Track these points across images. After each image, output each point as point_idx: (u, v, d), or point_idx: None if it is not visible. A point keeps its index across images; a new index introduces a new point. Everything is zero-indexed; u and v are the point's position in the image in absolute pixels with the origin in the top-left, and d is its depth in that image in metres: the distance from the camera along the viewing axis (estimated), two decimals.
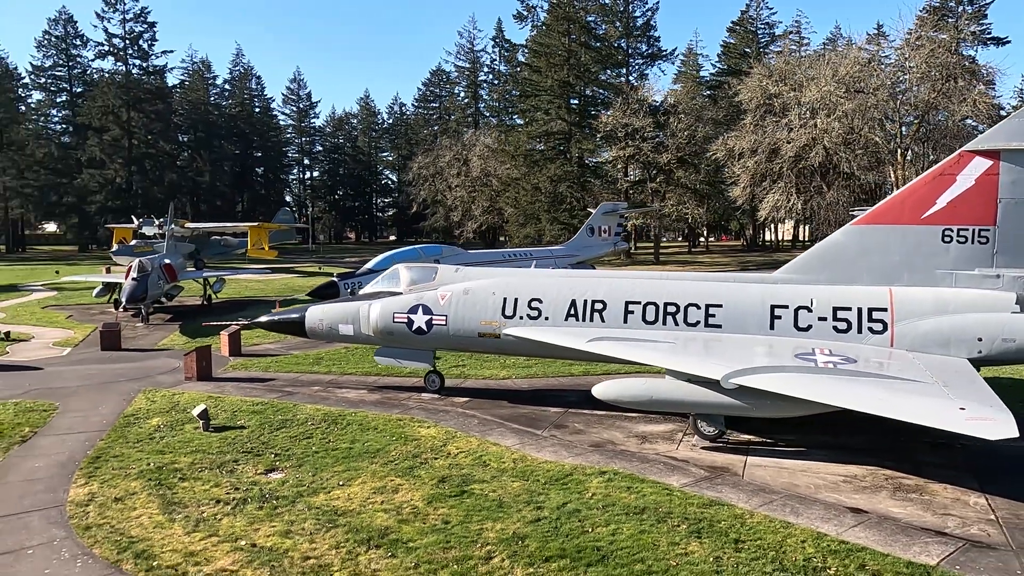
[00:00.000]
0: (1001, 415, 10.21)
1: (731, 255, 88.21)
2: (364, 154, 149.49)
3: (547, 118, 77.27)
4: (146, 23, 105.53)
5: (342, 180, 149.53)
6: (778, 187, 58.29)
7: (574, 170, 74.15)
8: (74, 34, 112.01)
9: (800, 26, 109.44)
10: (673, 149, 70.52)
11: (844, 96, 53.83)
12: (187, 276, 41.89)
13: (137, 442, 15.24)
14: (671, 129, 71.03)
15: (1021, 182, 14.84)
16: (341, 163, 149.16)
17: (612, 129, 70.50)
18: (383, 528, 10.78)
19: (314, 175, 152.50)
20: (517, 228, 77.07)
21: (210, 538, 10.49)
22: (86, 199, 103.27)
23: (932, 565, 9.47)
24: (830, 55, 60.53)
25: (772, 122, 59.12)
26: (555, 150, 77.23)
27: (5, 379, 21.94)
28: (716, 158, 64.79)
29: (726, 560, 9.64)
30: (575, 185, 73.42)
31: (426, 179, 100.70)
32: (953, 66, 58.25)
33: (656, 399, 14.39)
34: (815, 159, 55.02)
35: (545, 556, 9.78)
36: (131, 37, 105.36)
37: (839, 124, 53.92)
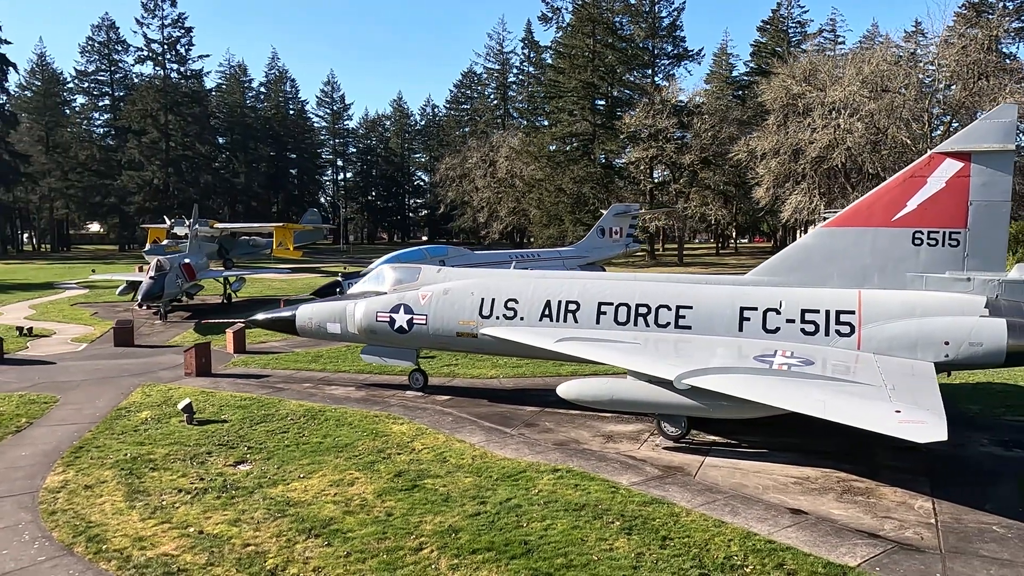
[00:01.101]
0: (934, 419, 10.20)
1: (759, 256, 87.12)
2: (396, 155, 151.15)
3: (571, 119, 77.34)
4: (183, 28, 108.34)
5: (375, 181, 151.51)
6: (801, 188, 57.50)
7: (597, 171, 74.13)
8: (116, 39, 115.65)
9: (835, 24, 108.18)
10: (696, 150, 70.01)
11: (868, 96, 52.91)
12: (208, 275, 42.99)
13: (122, 434, 15.93)
14: (695, 130, 70.52)
15: (992, 184, 14.67)
16: (374, 164, 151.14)
17: (635, 130, 70.26)
18: (327, 519, 11.19)
19: (347, 176, 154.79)
20: (541, 229, 77.32)
21: (162, 525, 11.01)
22: (125, 200, 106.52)
23: (851, 566, 9.53)
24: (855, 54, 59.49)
25: (795, 122, 58.36)
26: (579, 151, 77.27)
27: (18, 372, 22.99)
28: (739, 159, 64.13)
29: (647, 556, 9.83)
30: (598, 186, 73.37)
31: (453, 180, 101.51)
32: (985, 64, 56.90)
33: (616, 399, 14.58)
34: (837, 159, 54.15)
35: (473, 548, 10.08)
36: (169, 42, 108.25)
37: (862, 124, 53.02)
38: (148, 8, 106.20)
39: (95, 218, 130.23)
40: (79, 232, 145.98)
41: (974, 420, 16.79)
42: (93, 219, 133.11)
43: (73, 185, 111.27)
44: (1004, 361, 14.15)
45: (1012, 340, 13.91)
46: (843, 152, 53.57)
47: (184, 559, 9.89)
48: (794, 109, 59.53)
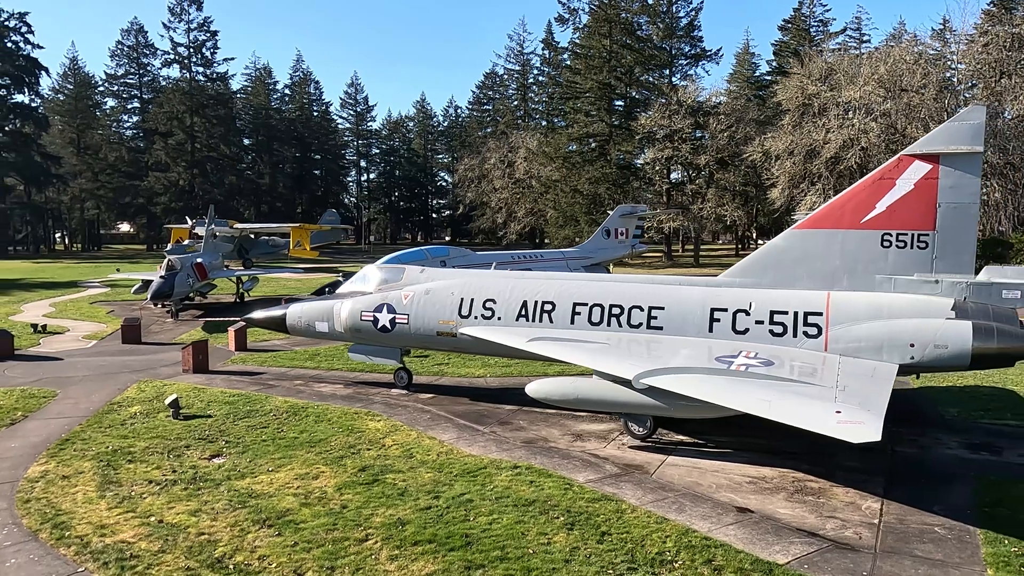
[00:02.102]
0: (871, 420, 10.28)
1: None
2: (419, 156, 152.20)
3: (587, 120, 77.42)
4: (209, 32, 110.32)
5: (397, 182, 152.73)
6: (816, 189, 56.96)
7: (613, 172, 74.08)
8: (145, 43, 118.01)
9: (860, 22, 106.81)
10: (712, 150, 69.68)
11: (884, 95, 52.28)
12: (220, 275, 43.87)
13: (109, 427, 16.53)
14: (711, 130, 70.19)
15: (960, 186, 14.64)
16: (396, 165, 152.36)
17: (651, 130, 70.13)
18: (284, 510, 11.60)
19: (370, 177, 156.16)
20: (556, 230, 77.49)
21: (126, 514, 11.50)
22: (152, 200, 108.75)
23: (779, 563, 9.69)
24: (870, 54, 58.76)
25: (810, 122, 57.84)
26: (595, 152, 77.29)
27: (25, 368, 23.81)
28: (753, 159, 63.69)
29: (582, 550, 10.08)
30: (614, 187, 73.34)
31: (471, 181, 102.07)
32: (1007, 62, 55.90)
33: (581, 398, 14.83)
34: (852, 160, 53.57)
35: (415, 540, 10.42)
36: (195, 46, 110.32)
37: (877, 124, 52.42)
38: (174, 12, 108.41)
39: (124, 218, 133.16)
40: (110, 232, 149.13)
41: (951, 423, 16.75)
42: (122, 219, 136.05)
43: (103, 186, 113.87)
44: (969, 364, 14.10)
45: (977, 343, 13.87)
46: (858, 152, 52.97)
47: (139, 546, 10.36)
48: (809, 109, 59.00)
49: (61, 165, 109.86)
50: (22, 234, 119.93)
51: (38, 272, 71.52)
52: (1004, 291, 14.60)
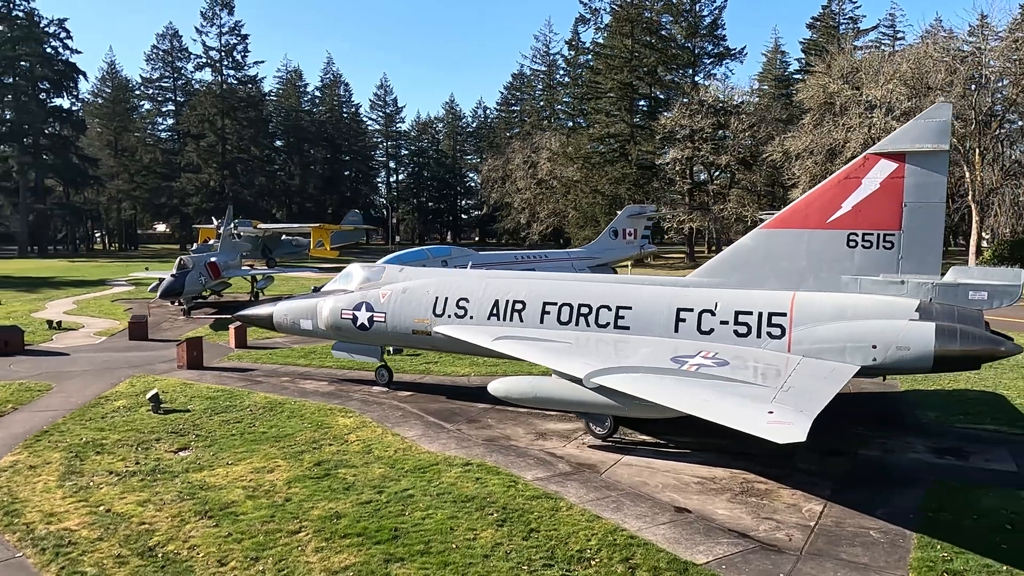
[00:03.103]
0: (800, 421, 10.16)
1: None
2: (447, 157, 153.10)
3: (608, 120, 77.12)
4: (239, 36, 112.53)
5: (426, 183, 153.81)
6: None
7: (633, 172, 73.70)
8: (179, 47, 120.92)
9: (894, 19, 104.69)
10: (734, 150, 68.91)
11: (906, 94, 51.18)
12: (236, 274, 44.72)
13: (89, 420, 17.04)
14: (732, 130, 69.42)
15: (926, 186, 14.36)
16: (425, 166, 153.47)
17: (671, 130, 69.62)
18: (228, 502, 11.88)
19: (400, 178, 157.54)
20: (577, 230, 77.37)
21: (78, 503, 11.89)
22: (184, 201, 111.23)
23: (697, 563, 9.65)
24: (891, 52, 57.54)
25: (831, 121, 56.84)
26: (616, 152, 76.98)
27: (31, 363, 24.60)
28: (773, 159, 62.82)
29: (505, 546, 10.16)
30: (634, 187, 72.97)
31: (495, 182, 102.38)
32: None
33: (540, 396, 14.88)
34: None
35: (345, 533, 10.60)
36: (226, 49, 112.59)
37: (897, 124, 51.25)
38: (207, 17, 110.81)
39: (159, 218, 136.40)
40: (146, 232, 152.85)
41: (926, 426, 16.43)
42: (158, 219, 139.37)
43: (139, 187, 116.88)
44: (932, 366, 13.83)
45: (940, 344, 13.60)
46: None
47: (80, 533, 10.72)
48: (831, 108, 57.98)
49: (99, 167, 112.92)
50: (62, 234, 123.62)
51: (71, 271, 73.62)
52: (970, 292, 14.28)
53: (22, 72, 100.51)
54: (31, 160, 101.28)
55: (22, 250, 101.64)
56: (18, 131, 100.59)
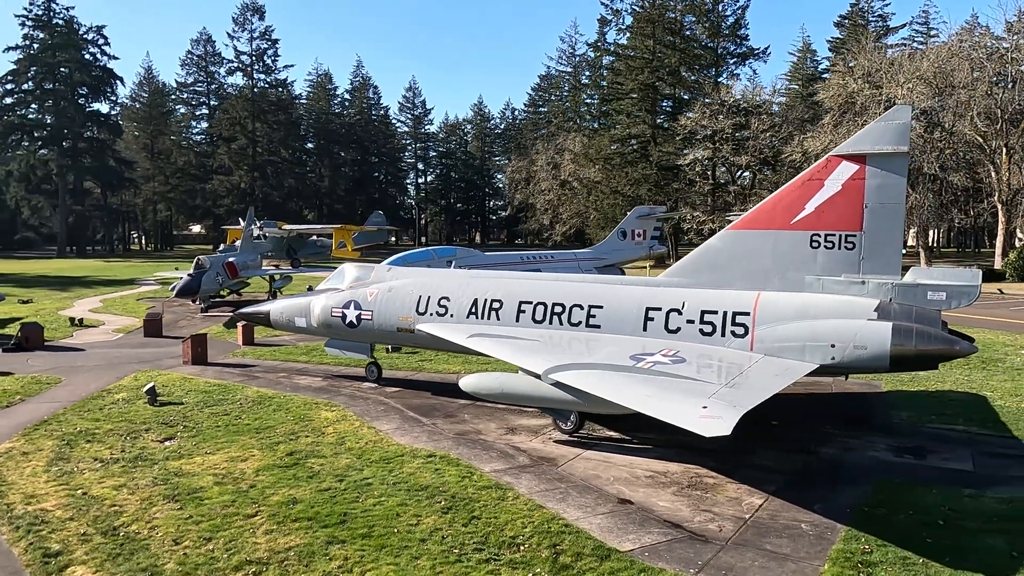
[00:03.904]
0: (730, 416, 10.47)
1: None
2: (476, 159, 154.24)
3: (629, 121, 77.17)
4: (270, 40, 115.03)
5: (454, 184, 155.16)
6: None
7: (654, 173, 73.66)
8: (212, 52, 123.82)
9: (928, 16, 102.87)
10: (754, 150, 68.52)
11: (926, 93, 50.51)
12: (255, 273, 45.93)
13: (87, 411, 17.96)
14: (752, 130, 68.99)
15: (887, 187, 14.52)
16: (453, 168, 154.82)
17: (692, 131, 69.49)
18: (197, 488, 12.58)
19: (428, 179, 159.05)
20: (598, 231, 77.51)
21: (59, 486, 12.70)
22: (216, 202, 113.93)
23: (620, 550, 10.06)
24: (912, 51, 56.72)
25: (850, 121, 56.22)
26: (636, 153, 77.03)
27: (48, 358, 25.79)
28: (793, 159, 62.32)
29: (443, 531, 10.68)
30: (655, 188, 72.93)
31: (519, 183, 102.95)
32: None
33: (506, 392, 15.34)
34: None
35: (296, 518, 11.22)
36: (257, 54, 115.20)
37: (918, 123, 50.65)
38: (238, 22, 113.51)
39: (193, 219, 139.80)
40: (182, 232, 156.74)
41: (896, 426, 16.56)
42: (192, 220, 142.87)
43: (174, 189, 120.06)
44: (889, 365, 13.97)
45: (896, 344, 13.75)
46: None
47: (54, 514, 11.50)
48: (852, 108, 57.37)
49: (135, 169, 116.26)
50: (100, 235, 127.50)
51: (104, 270, 76.00)
52: (929, 292, 14.39)
53: (62, 78, 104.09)
54: (70, 163, 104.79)
55: (61, 250, 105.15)
56: (58, 135, 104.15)
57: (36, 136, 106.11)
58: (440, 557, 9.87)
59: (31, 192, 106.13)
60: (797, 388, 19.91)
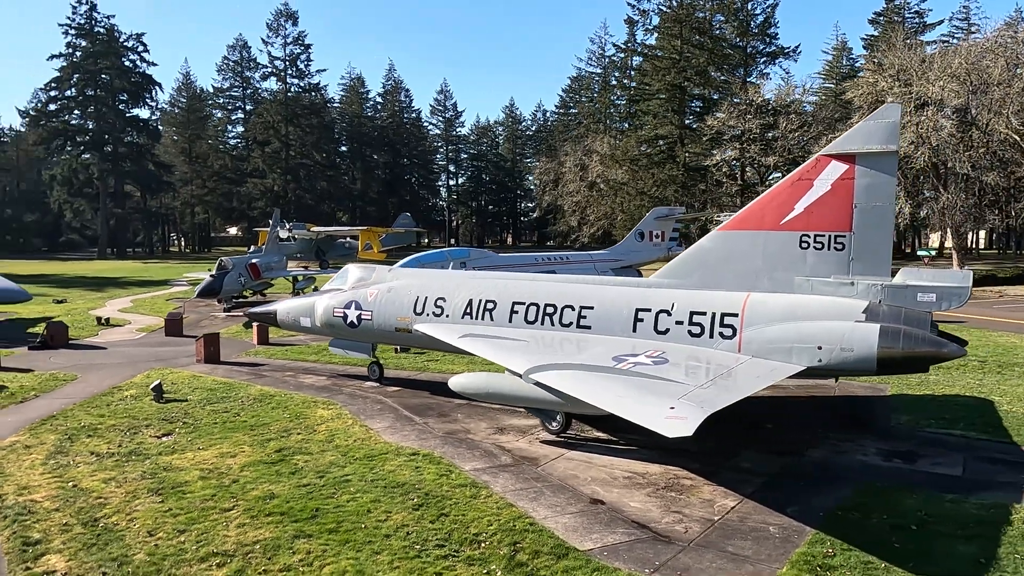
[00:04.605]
0: (695, 416, 10.43)
1: None
2: (507, 161, 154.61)
3: (655, 122, 76.68)
4: (303, 45, 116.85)
5: (485, 186, 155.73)
6: None
7: (680, 174, 73.08)
8: (248, 58, 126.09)
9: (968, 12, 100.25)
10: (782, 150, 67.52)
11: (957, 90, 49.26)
12: (278, 274, 46.73)
13: (94, 407, 18.53)
14: (781, 130, 67.96)
15: (876, 187, 14.31)
16: (484, 170, 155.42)
17: (719, 131, 68.79)
18: (182, 482, 12.93)
19: (460, 181, 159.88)
20: (624, 233, 77.00)
21: (52, 479, 13.16)
22: (251, 205, 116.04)
23: (579, 549, 10.10)
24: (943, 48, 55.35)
25: None
26: (663, 154, 76.51)
27: (69, 356, 26.60)
28: None
29: (410, 527, 10.83)
30: (682, 190, 72.36)
31: (547, 184, 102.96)
32: None
33: (492, 392, 15.45)
34: (921, 159, 50.72)
35: (269, 512, 11.48)
36: (290, 59, 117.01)
37: (948, 122, 49.42)
38: (272, 28, 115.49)
39: (230, 222, 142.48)
40: (219, 234, 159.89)
41: (893, 430, 16.26)
42: (228, 223, 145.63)
43: (210, 192, 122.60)
44: (876, 368, 13.74)
45: (883, 346, 13.51)
46: (927, 151, 50.09)
47: (42, 504, 11.94)
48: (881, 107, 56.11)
49: (172, 173, 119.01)
50: (139, 237, 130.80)
51: (140, 271, 77.98)
52: (919, 294, 14.14)
53: (103, 84, 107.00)
54: (110, 167, 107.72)
55: (101, 252, 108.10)
56: (99, 140, 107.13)
57: (78, 141, 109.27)
58: (400, 552, 10.02)
59: (73, 195, 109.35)
60: (798, 391, 19.74)
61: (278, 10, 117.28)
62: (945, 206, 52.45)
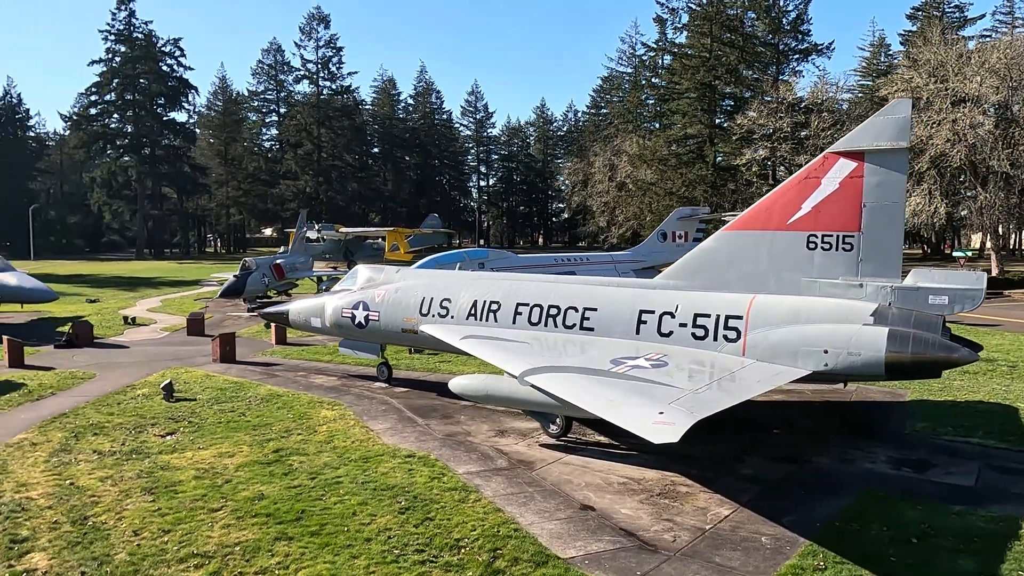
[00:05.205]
0: (683, 422, 10.12)
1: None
2: (538, 162, 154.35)
3: (684, 121, 75.76)
4: (335, 48, 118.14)
5: (516, 187, 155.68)
6: (921, 189, 52.71)
7: (710, 174, 72.09)
8: (281, 61, 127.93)
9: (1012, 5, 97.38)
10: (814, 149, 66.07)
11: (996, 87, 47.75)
12: (303, 275, 47.17)
13: (105, 406, 18.79)
14: (812, 129, 66.61)
15: (886, 185, 13.80)
16: (515, 170, 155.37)
17: (749, 131, 67.68)
18: (176, 482, 12.98)
19: (490, 182, 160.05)
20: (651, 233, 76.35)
21: (51, 476, 13.31)
22: (283, 206, 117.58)
23: (561, 556, 9.86)
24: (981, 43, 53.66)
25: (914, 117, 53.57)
26: (692, 153, 75.56)
27: (91, 354, 27.09)
28: None
29: (393, 531, 10.71)
30: (711, 190, 71.37)
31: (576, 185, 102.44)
32: None
33: (491, 394, 15.29)
34: (957, 157, 49.24)
35: (255, 513, 11.45)
36: (322, 61, 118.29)
37: (986, 118, 47.90)
38: (304, 31, 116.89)
39: (264, 223, 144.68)
40: (254, 235, 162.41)
41: (906, 437, 15.69)
42: (263, 224, 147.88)
43: (245, 193, 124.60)
44: (885, 372, 13.24)
45: (892, 351, 13.02)
46: (963, 149, 48.61)
47: (37, 502, 12.07)
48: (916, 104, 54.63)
49: (208, 175, 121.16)
50: (176, 237, 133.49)
51: (175, 271, 79.42)
52: (931, 296, 13.62)
53: (141, 89, 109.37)
54: (148, 169, 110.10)
55: (139, 252, 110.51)
56: (137, 143, 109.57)
57: (118, 144, 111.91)
58: (378, 557, 9.89)
59: (112, 197, 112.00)
60: (813, 396, 19.20)
61: (310, 13, 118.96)
62: (984, 205, 50.89)
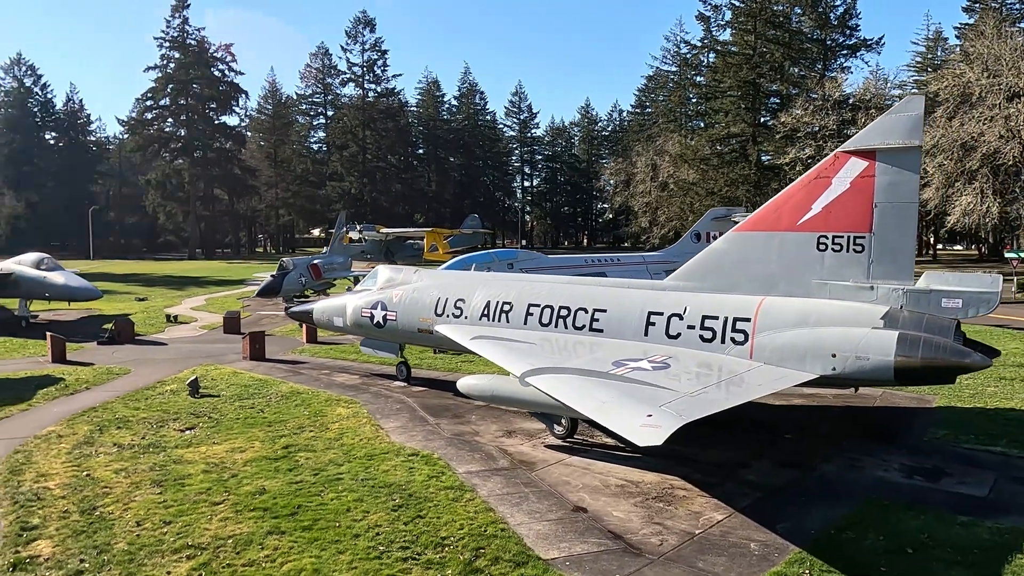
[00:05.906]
0: (669, 425, 10.03)
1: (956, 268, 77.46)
2: (582, 162, 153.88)
3: (727, 120, 74.61)
4: (380, 51, 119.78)
5: (560, 187, 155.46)
6: (973, 188, 50.87)
7: (752, 173, 70.84)
8: (329, 65, 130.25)
9: None
10: None
11: None
12: (341, 275, 47.96)
13: (133, 400, 19.47)
14: (859, 126, 64.79)
15: (898, 184, 13.42)
16: (559, 171, 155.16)
17: (793, 129, 66.30)
18: (185, 475, 13.40)
19: (534, 183, 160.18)
20: None
21: (70, 468, 13.87)
22: (329, 207, 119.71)
23: (542, 557, 9.87)
24: None
25: (965, 113, 51.80)
26: (735, 153, 74.35)
27: (130, 351, 28.09)
28: None
29: (382, 528, 10.87)
30: (753, 189, 70.15)
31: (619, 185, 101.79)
32: None
33: (497, 395, 15.34)
34: (1010, 154, 47.36)
35: (254, 507, 11.74)
36: (367, 65, 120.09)
37: None
38: (351, 35, 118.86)
39: (312, 223, 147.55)
40: (303, 236, 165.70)
41: (923, 444, 15.21)
42: (311, 224, 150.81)
43: (294, 195, 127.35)
44: (894, 378, 12.87)
45: (901, 355, 12.65)
46: (1017, 146, 46.73)
47: (52, 492, 12.60)
48: (967, 100, 52.83)
49: (258, 177, 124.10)
50: (228, 238, 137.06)
51: (224, 271, 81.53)
52: (943, 299, 13.18)
53: (194, 93, 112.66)
54: (200, 172, 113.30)
55: (191, 253, 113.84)
56: (189, 146, 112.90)
57: (172, 147, 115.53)
58: (363, 553, 10.06)
59: (166, 199, 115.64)
60: (833, 401, 18.75)
61: (356, 17, 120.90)
62: None
